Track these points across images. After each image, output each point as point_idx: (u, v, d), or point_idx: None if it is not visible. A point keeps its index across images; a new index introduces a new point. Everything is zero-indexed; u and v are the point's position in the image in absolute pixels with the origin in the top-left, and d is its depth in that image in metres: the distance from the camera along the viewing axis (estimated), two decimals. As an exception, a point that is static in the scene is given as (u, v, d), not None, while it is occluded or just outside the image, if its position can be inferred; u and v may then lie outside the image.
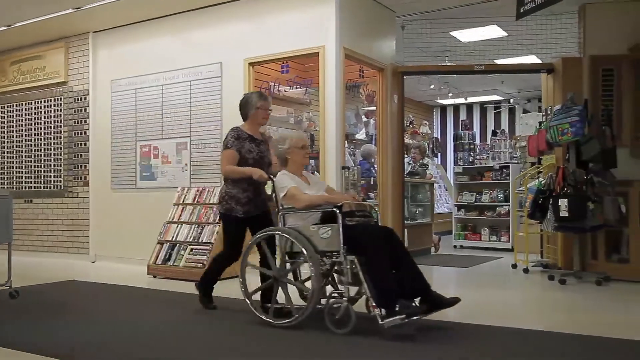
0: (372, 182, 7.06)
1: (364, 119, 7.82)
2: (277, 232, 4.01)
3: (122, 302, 5.04)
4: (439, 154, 13.34)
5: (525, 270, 6.53)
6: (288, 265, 4.02)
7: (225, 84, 6.65)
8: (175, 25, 7.07)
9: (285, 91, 7.05)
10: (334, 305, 3.67)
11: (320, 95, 6.03)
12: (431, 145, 12.58)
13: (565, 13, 6.60)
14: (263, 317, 3.92)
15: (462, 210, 9.58)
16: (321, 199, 3.95)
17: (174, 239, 6.46)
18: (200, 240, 6.26)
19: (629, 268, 5.77)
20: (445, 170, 12.74)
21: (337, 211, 3.68)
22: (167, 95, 7.12)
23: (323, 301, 3.85)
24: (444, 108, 13.90)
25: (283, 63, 6.84)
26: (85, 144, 7.90)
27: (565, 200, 5.58)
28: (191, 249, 6.26)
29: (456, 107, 13.69)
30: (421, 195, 8.76)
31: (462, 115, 13.63)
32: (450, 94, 11.71)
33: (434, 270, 7.13)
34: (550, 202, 5.82)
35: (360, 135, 7.85)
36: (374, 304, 3.47)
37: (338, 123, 5.89)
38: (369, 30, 6.51)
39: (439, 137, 13.68)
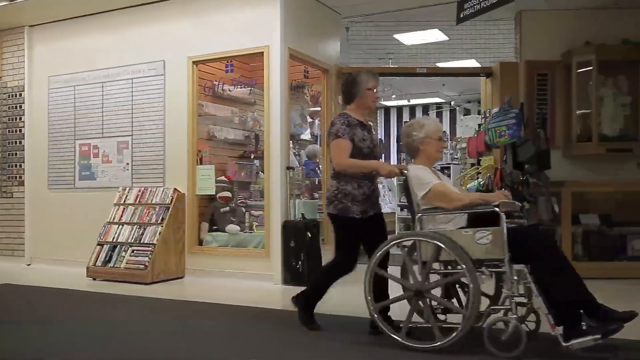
0: (316, 182, 7.10)
1: (309, 120, 7.84)
2: (420, 237, 3.34)
3: (60, 306, 4.89)
4: (383, 155, 13.53)
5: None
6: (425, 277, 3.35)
7: (169, 83, 6.54)
8: (117, 21, 6.90)
9: (229, 90, 7.00)
10: (498, 325, 3.12)
11: (265, 95, 6.02)
12: (375, 146, 12.72)
13: (502, 19, 6.82)
14: (401, 340, 3.26)
15: (405, 210, 9.76)
16: (479, 198, 3.38)
17: (114, 240, 6.31)
18: (142, 242, 6.14)
19: (561, 265, 6.01)
20: (389, 171, 12.92)
21: (500, 212, 3.13)
22: (107, 93, 6.94)
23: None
24: (387, 109, 14.11)
25: (227, 62, 6.79)
26: (20, 142, 7.61)
27: (503, 200, 5.76)
28: (132, 250, 6.13)
29: (399, 109, 13.92)
30: (365, 195, 8.83)
31: (406, 117, 13.87)
32: (393, 96, 11.90)
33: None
34: (489, 202, 6.00)
35: (306, 135, 7.87)
36: (552, 322, 2.98)
37: (283, 123, 5.89)
38: (314, 31, 6.54)
39: (383, 138, 13.88)
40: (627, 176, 6.24)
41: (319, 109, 7.15)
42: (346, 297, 4.36)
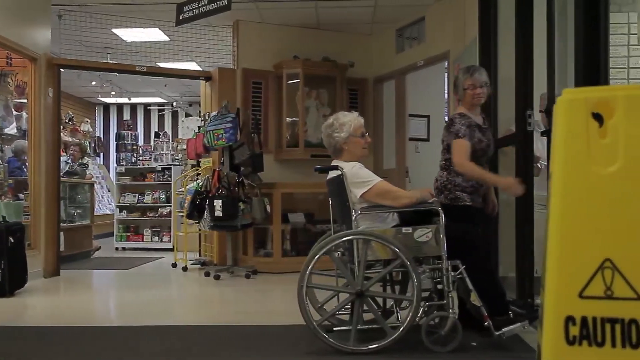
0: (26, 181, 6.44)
1: (15, 113, 7.07)
2: (359, 236, 3.19)
3: None
4: (102, 154, 12.92)
5: (184, 269, 6.80)
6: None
7: None
8: None
9: None
10: (436, 320, 3.14)
11: (-45, 82, 5.26)
12: (93, 144, 12.09)
13: (222, 26, 7.09)
14: (338, 345, 3.08)
15: (125, 211, 9.48)
16: (421, 195, 3.31)
17: None
18: None
19: (272, 261, 6.49)
20: (108, 171, 12.41)
21: (440, 209, 3.19)
22: None
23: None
24: (107, 106, 13.49)
25: None
26: None
27: (220, 200, 6.02)
28: None
29: (120, 107, 13.43)
30: (80, 196, 8.38)
31: (126, 115, 13.45)
32: (113, 93, 11.44)
33: (95, 274, 6.92)
34: (207, 202, 6.20)
35: (11, 130, 7.07)
36: (486, 314, 3.07)
37: (-21, 115, 5.22)
38: (19, 14, 5.90)
39: (102, 136, 13.25)
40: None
41: (25, 101, 6.50)
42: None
